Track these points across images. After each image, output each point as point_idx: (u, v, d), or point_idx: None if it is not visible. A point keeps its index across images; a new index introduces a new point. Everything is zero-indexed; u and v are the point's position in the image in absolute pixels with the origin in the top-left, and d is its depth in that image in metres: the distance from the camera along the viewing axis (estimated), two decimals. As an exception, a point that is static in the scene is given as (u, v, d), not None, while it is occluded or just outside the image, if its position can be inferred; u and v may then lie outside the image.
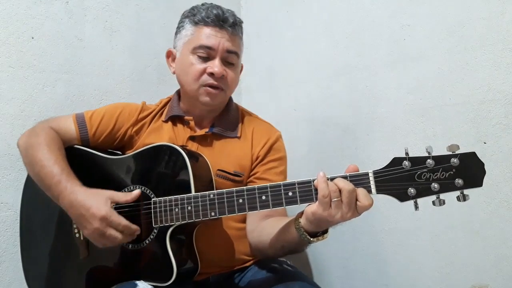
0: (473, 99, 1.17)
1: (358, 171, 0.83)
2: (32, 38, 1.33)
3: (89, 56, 1.45)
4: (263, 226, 1.06)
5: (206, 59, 1.09)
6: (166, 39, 1.63)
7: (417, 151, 0.81)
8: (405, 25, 1.31)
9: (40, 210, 1.15)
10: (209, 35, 1.08)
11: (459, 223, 1.20)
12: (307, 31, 1.61)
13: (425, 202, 0.79)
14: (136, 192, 0.99)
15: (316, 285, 1.04)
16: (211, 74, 1.08)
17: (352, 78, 1.45)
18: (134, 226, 0.95)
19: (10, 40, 1.29)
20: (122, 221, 0.93)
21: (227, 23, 1.09)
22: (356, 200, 0.80)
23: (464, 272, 1.19)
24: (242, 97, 1.83)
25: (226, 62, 1.11)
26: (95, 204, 0.92)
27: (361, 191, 0.80)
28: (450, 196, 0.78)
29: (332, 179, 0.82)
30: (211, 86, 1.09)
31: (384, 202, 1.34)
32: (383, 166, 0.82)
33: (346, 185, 0.79)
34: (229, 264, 1.13)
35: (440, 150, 0.79)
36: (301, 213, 0.87)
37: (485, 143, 1.15)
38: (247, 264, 1.15)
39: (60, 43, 1.39)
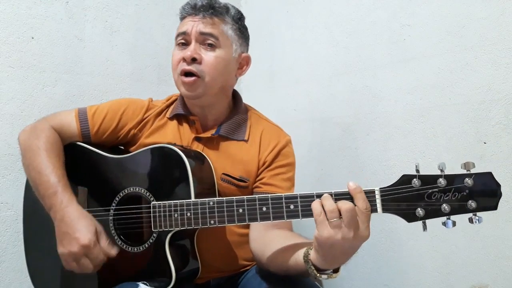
0: (473, 99, 1.17)
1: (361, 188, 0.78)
2: (32, 38, 1.33)
3: (89, 56, 1.45)
4: (268, 240, 1.00)
5: (184, 45, 1.08)
6: (166, 39, 1.63)
7: (417, 151, 0.81)
8: (405, 25, 1.31)
9: (42, 210, 1.15)
10: (184, 23, 1.09)
11: (459, 223, 1.20)
12: (307, 31, 1.61)
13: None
14: (114, 251, 0.94)
15: (316, 285, 1.03)
16: (184, 60, 1.06)
17: (352, 78, 1.45)
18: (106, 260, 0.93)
19: (10, 40, 1.28)
20: (101, 256, 0.91)
21: (198, 7, 1.07)
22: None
23: (464, 272, 1.19)
24: (242, 97, 1.83)
25: (205, 45, 1.07)
26: (83, 230, 0.91)
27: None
28: (461, 217, 0.75)
29: (336, 195, 0.77)
30: (184, 73, 1.06)
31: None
32: (391, 184, 0.77)
33: (344, 204, 0.75)
34: (230, 269, 1.12)
35: (441, 150, 0.79)
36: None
37: (485, 143, 1.15)
38: (247, 268, 1.14)
39: (60, 43, 1.39)
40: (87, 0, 1.45)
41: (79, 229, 0.90)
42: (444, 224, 0.75)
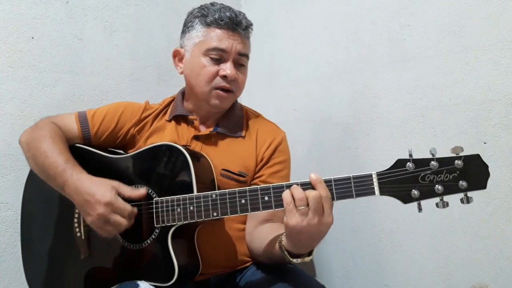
0: (473, 99, 1.17)
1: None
2: (32, 38, 1.33)
3: (89, 56, 1.45)
4: (256, 233, 1.07)
5: (218, 61, 1.09)
6: (166, 39, 1.63)
7: (418, 151, 0.81)
8: (405, 25, 1.31)
9: (41, 210, 1.15)
10: (222, 38, 1.08)
11: (459, 223, 1.20)
12: (307, 31, 1.61)
13: (427, 202, 0.79)
14: (143, 190, 0.97)
15: (316, 281, 1.04)
16: (224, 77, 1.09)
17: (352, 78, 1.45)
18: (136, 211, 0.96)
19: (10, 40, 1.29)
20: (127, 207, 0.93)
21: (240, 26, 1.09)
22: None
23: (464, 272, 1.19)
24: (242, 97, 1.82)
25: (237, 64, 1.12)
26: (100, 191, 0.93)
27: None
28: (453, 198, 0.78)
29: (302, 184, 0.83)
30: (223, 89, 1.10)
31: (384, 202, 1.34)
32: (387, 168, 0.81)
33: (311, 192, 0.80)
34: (230, 264, 1.12)
35: (441, 150, 0.79)
36: None
37: (485, 143, 1.15)
38: (247, 265, 1.14)
39: (60, 43, 1.39)
40: (87, 0, 1.45)
41: (96, 191, 0.93)
42: (437, 205, 0.79)
